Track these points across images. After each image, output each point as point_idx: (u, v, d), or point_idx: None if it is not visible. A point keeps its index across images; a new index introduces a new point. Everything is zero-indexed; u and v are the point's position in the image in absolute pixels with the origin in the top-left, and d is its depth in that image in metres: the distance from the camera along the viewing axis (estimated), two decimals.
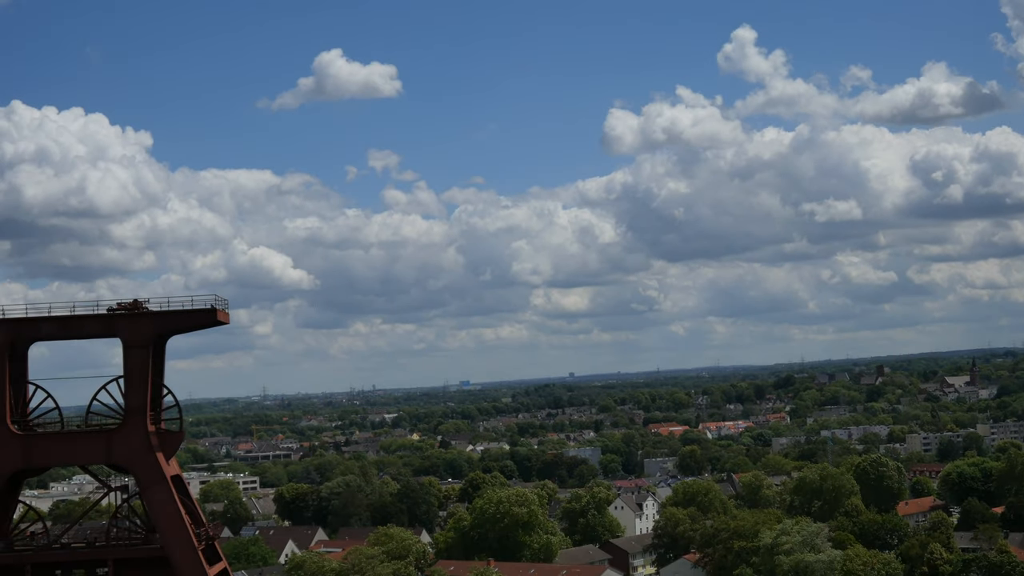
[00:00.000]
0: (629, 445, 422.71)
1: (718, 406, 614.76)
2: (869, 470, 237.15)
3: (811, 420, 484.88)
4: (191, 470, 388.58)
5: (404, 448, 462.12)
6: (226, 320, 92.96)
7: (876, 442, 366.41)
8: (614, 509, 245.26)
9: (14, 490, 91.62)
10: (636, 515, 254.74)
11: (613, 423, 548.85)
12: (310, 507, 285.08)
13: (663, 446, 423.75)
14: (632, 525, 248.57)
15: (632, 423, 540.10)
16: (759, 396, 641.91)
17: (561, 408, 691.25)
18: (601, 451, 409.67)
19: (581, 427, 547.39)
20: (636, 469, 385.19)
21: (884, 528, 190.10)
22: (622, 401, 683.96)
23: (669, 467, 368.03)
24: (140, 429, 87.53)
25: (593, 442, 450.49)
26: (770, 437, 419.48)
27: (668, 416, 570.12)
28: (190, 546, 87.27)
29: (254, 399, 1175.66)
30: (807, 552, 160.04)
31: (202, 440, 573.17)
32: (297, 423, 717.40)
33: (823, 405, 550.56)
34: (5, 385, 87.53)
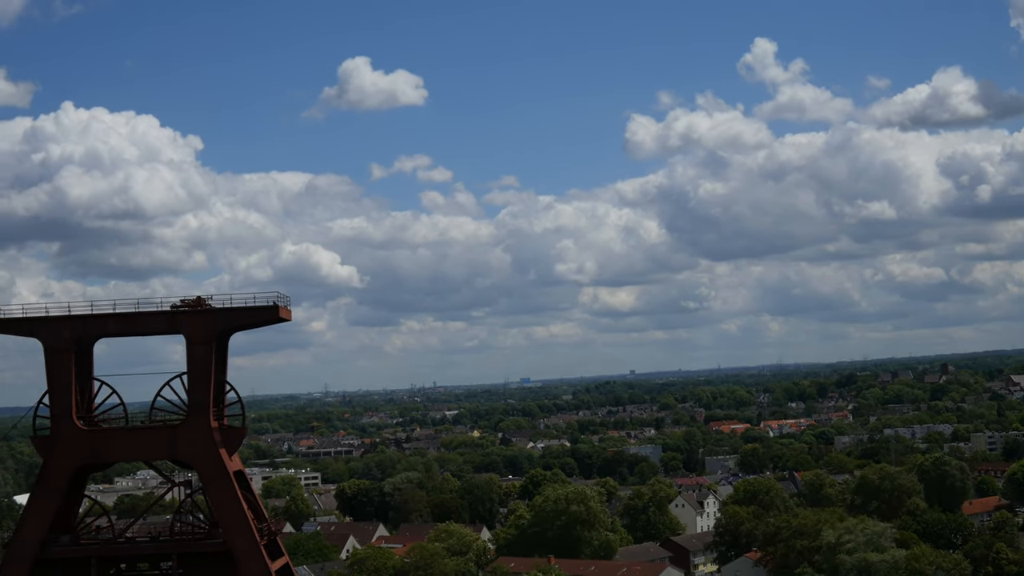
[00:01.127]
0: (690, 443, 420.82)
1: (780, 404, 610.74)
2: (932, 469, 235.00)
3: (874, 418, 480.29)
4: (253, 466, 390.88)
5: (465, 445, 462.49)
6: (288, 317, 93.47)
7: (940, 441, 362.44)
8: (675, 507, 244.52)
9: (80, 485, 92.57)
10: (697, 513, 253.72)
11: (674, 420, 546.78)
12: (371, 503, 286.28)
13: (724, 444, 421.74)
14: (693, 523, 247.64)
15: (693, 421, 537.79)
16: (821, 394, 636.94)
17: (622, 405, 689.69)
18: (662, 448, 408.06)
19: (642, 424, 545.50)
20: (697, 467, 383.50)
21: (948, 528, 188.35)
22: (683, 399, 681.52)
23: (730, 465, 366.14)
24: (203, 425, 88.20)
25: (654, 439, 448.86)
26: (832, 435, 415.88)
27: (729, 414, 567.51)
28: (252, 541, 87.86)
29: (315, 396, 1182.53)
30: (870, 551, 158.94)
31: (264, 436, 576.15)
32: (358, 420, 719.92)
33: (886, 403, 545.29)
34: (71, 381, 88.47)
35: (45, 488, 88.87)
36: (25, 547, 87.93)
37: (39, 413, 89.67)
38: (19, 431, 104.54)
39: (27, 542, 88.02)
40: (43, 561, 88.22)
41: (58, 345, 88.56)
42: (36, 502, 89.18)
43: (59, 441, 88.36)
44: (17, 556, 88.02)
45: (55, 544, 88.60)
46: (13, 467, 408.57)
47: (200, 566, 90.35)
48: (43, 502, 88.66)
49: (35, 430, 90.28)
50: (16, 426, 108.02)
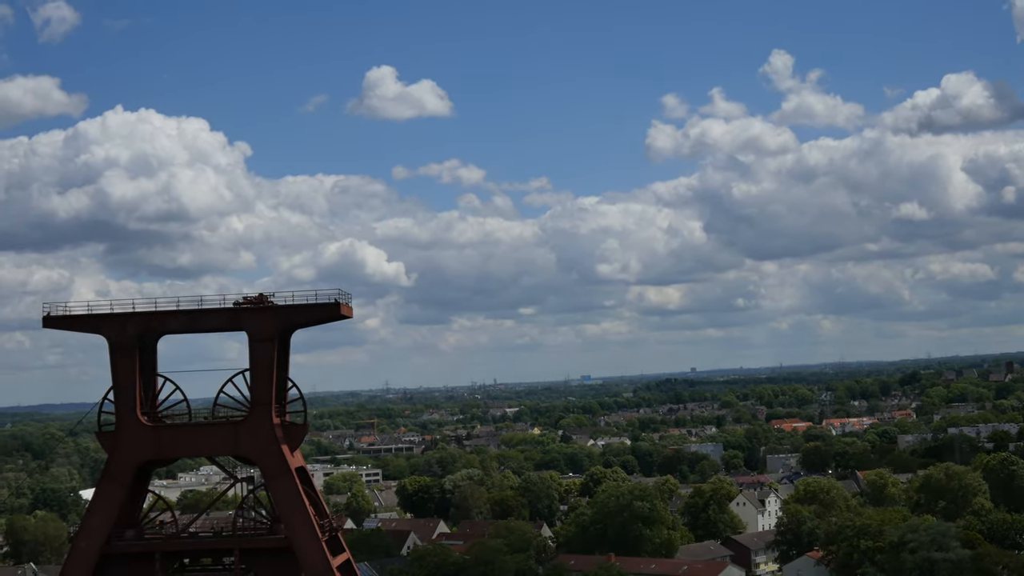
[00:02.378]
0: (751, 441, 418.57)
1: (842, 402, 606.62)
2: (999, 469, 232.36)
3: (938, 417, 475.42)
4: (315, 462, 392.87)
5: (525, 442, 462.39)
6: (349, 314, 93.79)
7: (1006, 440, 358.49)
8: (736, 505, 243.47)
9: (144, 480, 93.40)
10: (758, 511, 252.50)
11: (735, 418, 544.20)
12: (432, 500, 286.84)
13: (786, 442, 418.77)
14: (754, 521, 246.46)
15: (754, 419, 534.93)
16: (884, 392, 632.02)
17: (682, 403, 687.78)
18: (723, 447, 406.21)
19: (703, 422, 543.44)
20: (758, 465, 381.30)
21: (1014, 528, 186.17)
22: (744, 396, 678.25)
23: (792, 463, 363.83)
24: (266, 421, 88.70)
25: (715, 437, 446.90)
26: (895, 434, 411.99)
27: (791, 412, 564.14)
28: (314, 537, 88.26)
29: (376, 392, 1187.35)
30: (934, 551, 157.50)
31: (325, 433, 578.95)
32: (419, 417, 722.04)
33: (950, 402, 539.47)
34: (136, 377, 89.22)
35: (110, 483, 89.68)
36: (90, 541, 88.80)
37: (104, 409, 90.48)
38: (84, 426, 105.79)
39: (92, 536, 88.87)
40: (108, 555, 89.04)
41: (123, 341, 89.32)
42: (101, 497, 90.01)
43: (123, 437, 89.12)
44: (82, 550, 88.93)
45: (119, 539, 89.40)
46: (79, 462, 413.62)
47: (262, 561, 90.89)
48: (108, 497, 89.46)
49: (100, 425, 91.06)
50: (81, 421, 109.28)
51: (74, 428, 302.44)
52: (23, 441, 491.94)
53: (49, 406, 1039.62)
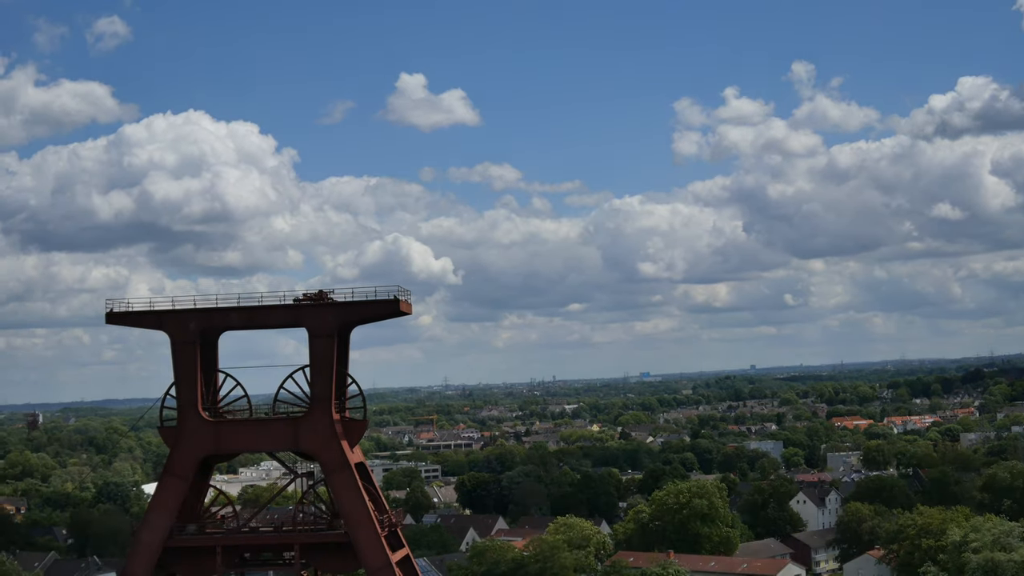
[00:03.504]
0: (812, 438, 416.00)
1: (903, 400, 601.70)
2: None
3: (1002, 415, 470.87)
4: (374, 458, 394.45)
5: (584, 439, 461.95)
6: (408, 311, 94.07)
7: None
8: (796, 503, 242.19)
9: (205, 475, 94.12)
10: (818, 509, 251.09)
11: (795, 416, 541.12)
12: (491, 496, 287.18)
13: (847, 440, 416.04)
14: (814, 519, 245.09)
15: (815, 416, 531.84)
16: (946, 390, 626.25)
17: (742, 400, 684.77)
18: (783, 444, 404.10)
19: (762, 420, 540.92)
20: (819, 463, 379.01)
21: None
22: (804, 394, 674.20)
23: (853, 461, 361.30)
24: (325, 417, 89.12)
25: (775, 435, 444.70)
26: (958, 432, 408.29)
27: (852, 409, 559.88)
28: (374, 532, 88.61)
29: (435, 389, 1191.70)
30: (997, 551, 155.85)
31: (385, 429, 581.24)
32: (478, 413, 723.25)
33: (1014, 400, 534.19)
34: (197, 373, 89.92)
35: (171, 477, 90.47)
36: (153, 535, 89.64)
37: (166, 404, 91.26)
38: (147, 421, 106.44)
39: (154, 530, 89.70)
40: (170, 549, 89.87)
41: (184, 337, 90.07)
42: (163, 491, 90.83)
43: (185, 431, 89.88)
44: (145, 544, 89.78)
45: (181, 532, 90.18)
46: (141, 457, 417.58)
47: (322, 556, 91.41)
48: (170, 491, 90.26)
49: (162, 421, 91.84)
50: (144, 416, 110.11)
51: (137, 423, 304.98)
52: (87, 435, 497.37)
53: (112, 401, 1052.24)
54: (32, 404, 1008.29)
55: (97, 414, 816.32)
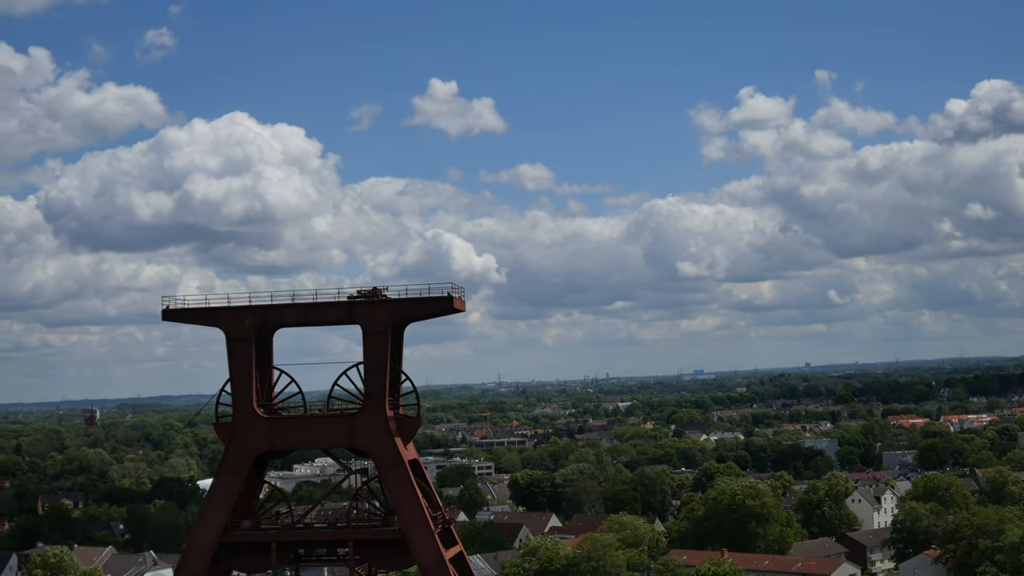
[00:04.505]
0: (867, 437, 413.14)
1: (961, 398, 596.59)
2: None
3: None
4: (428, 455, 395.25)
5: (638, 436, 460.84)
6: (462, 308, 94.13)
7: None
8: (851, 502, 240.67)
9: (260, 471, 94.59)
10: (874, 508, 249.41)
11: (850, 414, 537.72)
12: (544, 493, 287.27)
13: (903, 438, 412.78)
14: (870, 519, 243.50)
15: (870, 414, 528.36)
16: (1004, 388, 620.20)
17: (797, 398, 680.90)
18: (838, 442, 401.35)
19: (817, 418, 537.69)
20: (874, 461, 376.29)
21: None
22: (859, 392, 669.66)
23: (909, 460, 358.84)
24: (379, 414, 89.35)
25: (830, 433, 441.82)
26: (1016, 431, 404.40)
27: (908, 408, 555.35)
28: (427, 529, 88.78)
29: (489, 386, 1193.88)
30: None
31: (438, 426, 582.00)
32: (531, 410, 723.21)
33: None
34: (252, 369, 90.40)
35: (227, 473, 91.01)
36: (208, 530, 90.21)
37: (222, 401, 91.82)
38: (203, 417, 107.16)
39: (210, 526, 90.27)
40: (225, 544, 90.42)
41: (239, 334, 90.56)
42: (218, 487, 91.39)
43: (240, 428, 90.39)
44: (201, 539, 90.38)
45: (236, 528, 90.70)
46: (197, 452, 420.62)
47: (376, 552, 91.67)
48: (225, 487, 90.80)
49: (217, 417, 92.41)
50: (200, 413, 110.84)
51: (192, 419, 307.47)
52: (143, 431, 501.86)
53: (168, 397, 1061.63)
54: (89, 400, 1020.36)
55: (153, 410, 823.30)
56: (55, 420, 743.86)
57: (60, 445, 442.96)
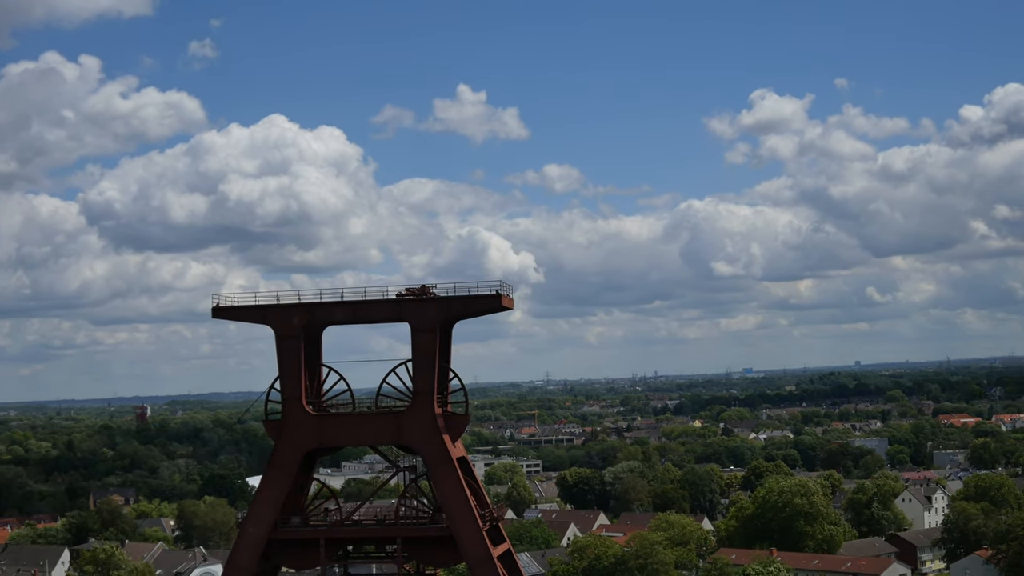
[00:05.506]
0: (918, 436, 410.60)
1: (1013, 397, 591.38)
2: None
3: None
4: (476, 452, 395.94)
5: (686, 435, 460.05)
6: (510, 305, 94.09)
7: None
8: (901, 501, 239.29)
9: (309, 468, 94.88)
10: (924, 508, 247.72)
11: (901, 413, 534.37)
12: (592, 491, 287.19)
13: (954, 437, 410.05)
14: (920, 518, 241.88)
15: (921, 413, 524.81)
16: None
17: (846, 397, 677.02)
18: (888, 441, 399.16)
19: (867, 416, 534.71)
20: (925, 461, 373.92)
21: None
22: (910, 390, 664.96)
23: (960, 460, 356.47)
24: (428, 411, 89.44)
25: (880, 432, 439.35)
26: None
27: (959, 407, 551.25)
28: (475, 526, 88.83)
29: (537, 383, 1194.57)
30: None
31: (486, 423, 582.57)
32: (579, 408, 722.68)
33: None
34: (301, 367, 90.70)
35: (276, 470, 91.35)
36: (258, 527, 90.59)
37: (271, 398, 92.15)
38: (252, 415, 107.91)
39: (259, 522, 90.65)
40: (274, 541, 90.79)
41: (288, 332, 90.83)
42: (268, 484, 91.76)
43: (289, 425, 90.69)
44: (250, 535, 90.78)
45: (285, 525, 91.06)
46: (246, 449, 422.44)
47: (424, 549, 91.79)
48: (274, 484, 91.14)
49: (267, 414, 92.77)
50: (249, 410, 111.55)
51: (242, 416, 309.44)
52: (193, 428, 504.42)
53: (218, 394, 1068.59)
54: (140, 397, 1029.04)
55: (203, 407, 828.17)
56: (106, 417, 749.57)
57: (111, 442, 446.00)
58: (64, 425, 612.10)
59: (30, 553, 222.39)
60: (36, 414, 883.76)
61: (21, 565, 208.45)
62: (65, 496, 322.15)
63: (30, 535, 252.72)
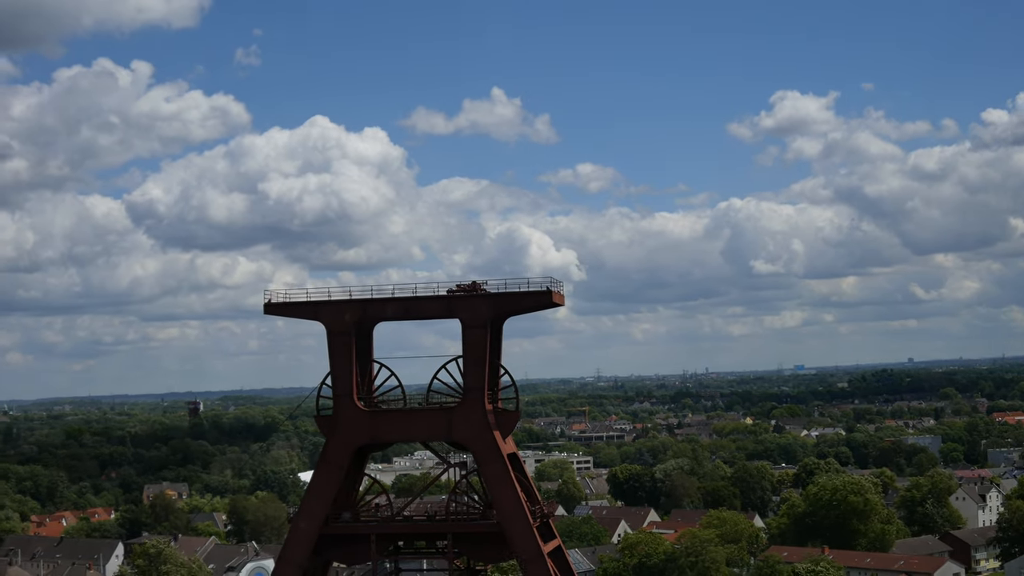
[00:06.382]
0: (972, 433, 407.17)
1: None
2: None
3: None
4: (526, 449, 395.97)
5: (737, 431, 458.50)
6: (561, 302, 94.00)
7: None
8: (955, 500, 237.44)
9: (360, 463, 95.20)
10: (978, 507, 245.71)
11: (954, 410, 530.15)
12: (643, 488, 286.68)
13: (1009, 435, 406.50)
14: (974, 517, 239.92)
15: (975, 411, 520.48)
16: None
17: (899, 394, 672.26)
18: (941, 439, 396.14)
19: (920, 414, 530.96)
20: (979, 459, 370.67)
21: None
22: (964, 388, 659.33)
23: (1015, 458, 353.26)
24: (478, 407, 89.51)
25: (933, 430, 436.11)
26: None
27: (1014, 404, 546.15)
28: (525, 523, 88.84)
29: (588, 380, 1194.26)
30: None
31: (537, 420, 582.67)
32: (630, 404, 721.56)
33: None
34: (353, 363, 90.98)
35: (327, 466, 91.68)
36: (309, 522, 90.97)
37: (322, 394, 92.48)
38: (303, 410, 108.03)
39: (311, 518, 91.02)
40: (325, 536, 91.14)
41: (340, 328, 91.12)
42: (319, 479, 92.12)
43: (341, 421, 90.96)
44: (302, 531, 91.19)
45: (336, 520, 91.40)
46: (298, 445, 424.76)
47: (475, 545, 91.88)
48: (325, 479, 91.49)
49: (318, 410, 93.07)
50: (300, 406, 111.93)
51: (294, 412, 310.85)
52: (246, 424, 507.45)
53: (270, 390, 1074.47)
54: (193, 392, 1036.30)
55: (255, 402, 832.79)
56: (160, 412, 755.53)
57: (165, 437, 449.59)
58: (118, 420, 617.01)
59: (85, 546, 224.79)
60: (90, 409, 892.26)
61: (76, 558, 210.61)
62: (119, 490, 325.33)
63: (85, 529, 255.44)
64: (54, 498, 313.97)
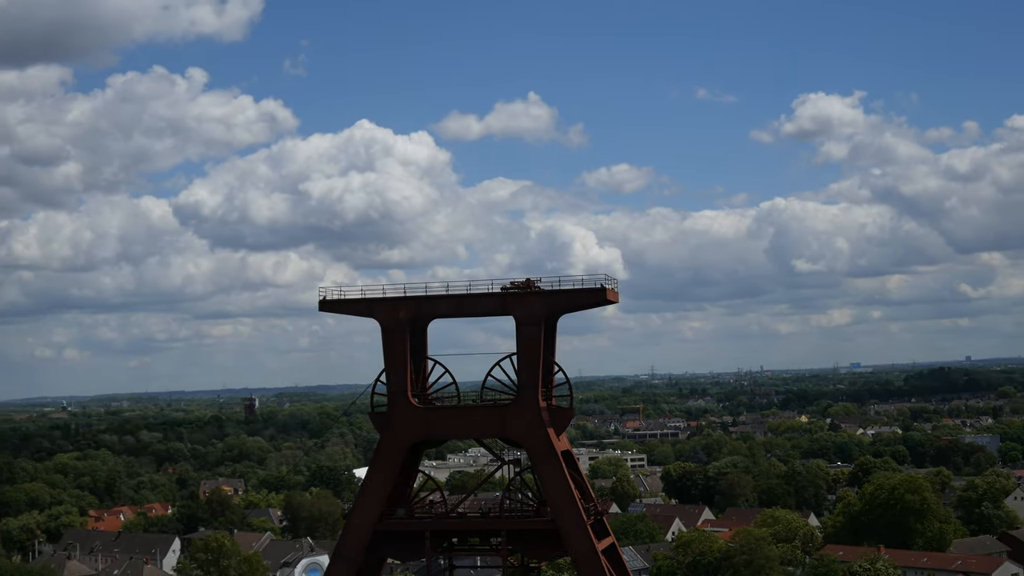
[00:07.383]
0: None
1: None
2: None
3: None
4: (580, 446, 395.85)
5: (792, 430, 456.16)
6: (615, 299, 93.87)
7: None
8: (1013, 499, 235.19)
9: (414, 460, 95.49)
10: None
11: (1013, 409, 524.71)
12: (697, 486, 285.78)
13: None
14: None
15: None
16: None
17: (957, 392, 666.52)
18: (1000, 438, 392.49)
19: (978, 413, 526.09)
20: None
21: None
22: (1023, 386, 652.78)
23: None
24: (532, 405, 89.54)
25: (991, 428, 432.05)
26: None
27: None
28: (579, 520, 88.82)
29: (642, 377, 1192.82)
30: None
31: (591, 417, 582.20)
32: (684, 402, 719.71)
33: None
34: (407, 360, 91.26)
35: (381, 462, 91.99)
36: (364, 518, 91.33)
37: (376, 391, 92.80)
38: (358, 407, 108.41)
39: (365, 514, 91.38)
40: (380, 532, 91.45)
41: (395, 325, 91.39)
42: (373, 476, 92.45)
43: (395, 418, 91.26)
44: (356, 527, 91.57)
45: (391, 516, 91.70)
46: (352, 441, 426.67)
47: (528, 542, 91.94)
48: (380, 476, 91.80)
49: (373, 407, 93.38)
50: (355, 403, 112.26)
51: (348, 409, 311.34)
52: (301, 420, 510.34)
53: (325, 387, 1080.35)
54: (249, 389, 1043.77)
55: (310, 399, 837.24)
56: (216, 408, 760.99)
57: (221, 433, 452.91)
58: (174, 416, 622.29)
59: (142, 541, 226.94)
60: (147, 404, 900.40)
61: (134, 552, 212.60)
62: (175, 486, 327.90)
63: (142, 523, 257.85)
64: (112, 493, 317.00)
